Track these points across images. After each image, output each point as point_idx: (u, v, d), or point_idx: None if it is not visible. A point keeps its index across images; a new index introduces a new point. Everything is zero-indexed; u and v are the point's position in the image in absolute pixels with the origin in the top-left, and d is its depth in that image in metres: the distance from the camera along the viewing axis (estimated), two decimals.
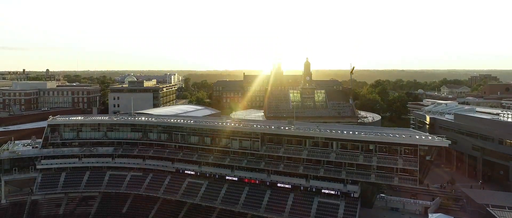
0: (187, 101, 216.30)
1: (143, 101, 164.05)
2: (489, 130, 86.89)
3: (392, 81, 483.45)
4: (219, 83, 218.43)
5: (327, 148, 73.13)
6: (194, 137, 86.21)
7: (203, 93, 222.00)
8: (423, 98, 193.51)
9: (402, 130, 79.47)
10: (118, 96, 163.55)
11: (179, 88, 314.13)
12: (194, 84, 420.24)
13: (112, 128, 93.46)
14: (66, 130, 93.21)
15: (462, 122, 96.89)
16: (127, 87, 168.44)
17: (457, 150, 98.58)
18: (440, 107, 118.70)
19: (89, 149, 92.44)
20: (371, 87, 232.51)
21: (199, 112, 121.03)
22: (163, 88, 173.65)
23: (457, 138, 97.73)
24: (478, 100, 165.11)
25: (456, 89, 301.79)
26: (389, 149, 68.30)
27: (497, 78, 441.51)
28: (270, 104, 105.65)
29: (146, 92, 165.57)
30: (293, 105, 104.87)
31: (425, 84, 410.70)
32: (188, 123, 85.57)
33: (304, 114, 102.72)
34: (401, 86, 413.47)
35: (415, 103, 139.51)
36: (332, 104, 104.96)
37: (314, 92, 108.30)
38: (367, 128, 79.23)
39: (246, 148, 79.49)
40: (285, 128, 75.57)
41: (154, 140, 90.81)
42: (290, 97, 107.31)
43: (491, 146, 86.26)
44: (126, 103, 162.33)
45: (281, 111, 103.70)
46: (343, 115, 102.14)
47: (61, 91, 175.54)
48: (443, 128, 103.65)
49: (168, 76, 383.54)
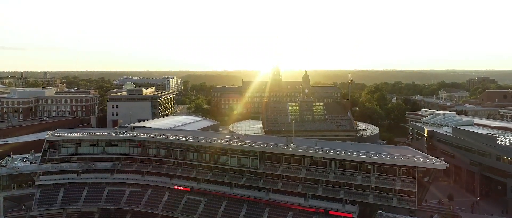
0: (185, 108, 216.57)
1: (141, 109, 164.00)
2: (487, 147, 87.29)
3: (391, 84, 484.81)
4: (217, 89, 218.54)
5: (326, 167, 73.27)
6: (193, 153, 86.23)
7: (202, 100, 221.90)
8: (421, 106, 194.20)
9: (400, 148, 79.73)
10: (116, 104, 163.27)
11: (178, 92, 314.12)
12: (193, 87, 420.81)
13: (111, 143, 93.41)
14: (65, 145, 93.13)
15: (460, 136, 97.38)
16: (126, 95, 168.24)
17: (455, 164, 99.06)
18: (438, 119, 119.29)
19: (88, 164, 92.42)
20: (369, 93, 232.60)
21: (198, 124, 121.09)
22: (162, 96, 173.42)
23: (455, 152, 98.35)
24: (476, 109, 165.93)
25: (454, 93, 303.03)
26: (388, 169, 68.48)
27: (495, 81, 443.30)
28: (268, 117, 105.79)
29: (144, 100, 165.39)
30: (292, 118, 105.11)
31: (424, 87, 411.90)
32: (187, 139, 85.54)
33: (303, 127, 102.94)
34: (400, 89, 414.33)
35: (413, 113, 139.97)
36: (331, 117, 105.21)
37: (312, 105, 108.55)
38: (365, 146, 79.38)
39: (245, 165, 79.60)
40: (283, 147, 75.63)
41: (153, 155, 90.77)
42: (288, 110, 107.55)
43: (489, 162, 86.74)
44: (124, 111, 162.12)
45: (279, 124, 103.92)
46: (341, 129, 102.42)
47: (59, 100, 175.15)
48: (441, 141, 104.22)
49: (166, 79, 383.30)
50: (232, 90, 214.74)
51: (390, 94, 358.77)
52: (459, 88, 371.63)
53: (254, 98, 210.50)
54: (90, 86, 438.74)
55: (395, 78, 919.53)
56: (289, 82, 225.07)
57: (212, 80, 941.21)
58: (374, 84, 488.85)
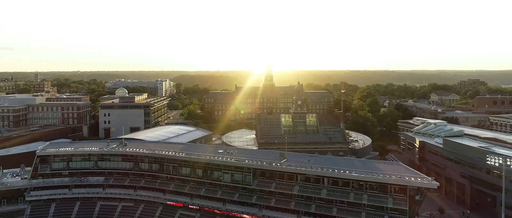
0: (178, 113, 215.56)
1: (134, 117, 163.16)
2: (477, 160, 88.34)
3: (383, 86, 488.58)
4: (210, 95, 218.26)
5: (319, 184, 73.62)
6: (185, 168, 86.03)
7: (194, 105, 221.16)
8: (413, 112, 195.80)
9: (392, 164, 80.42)
10: (109, 113, 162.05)
11: (171, 96, 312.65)
12: (186, 90, 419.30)
13: (103, 157, 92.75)
14: (56, 160, 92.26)
15: (451, 148, 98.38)
16: (118, 103, 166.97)
17: (446, 176, 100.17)
18: (429, 128, 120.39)
19: (80, 179, 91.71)
20: (362, 98, 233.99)
21: (191, 134, 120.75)
22: (154, 104, 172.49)
23: (446, 163, 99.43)
24: (467, 115, 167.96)
25: (445, 97, 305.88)
26: (380, 187, 69.01)
27: (485, 83, 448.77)
28: (261, 129, 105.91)
29: (137, 108, 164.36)
30: (285, 130, 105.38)
31: (415, 89, 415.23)
32: (180, 155, 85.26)
33: (296, 139, 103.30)
34: (392, 91, 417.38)
35: (404, 122, 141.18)
36: (323, 129, 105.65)
37: (305, 116, 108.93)
38: (358, 162, 79.95)
39: (238, 181, 79.63)
40: (276, 164, 75.79)
41: (146, 170, 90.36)
42: (281, 122, 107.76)
43: (479, 175, 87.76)
44: (117, 119, 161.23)
45: (272, 136, 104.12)
46: (334, 140, 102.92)
47: (50, 107, 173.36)
48: (432, 153, 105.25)
49: (159, 83, 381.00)
50: (225, 96, 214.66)
51: (382, 97, 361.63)
52: (450, 91, 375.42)
53: (247, 104, 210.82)
54: (81, 89, 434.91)
55: (387, 79, 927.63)
56: (281, 88, 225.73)
57: (205, 81, 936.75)
58: (367, 86, 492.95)
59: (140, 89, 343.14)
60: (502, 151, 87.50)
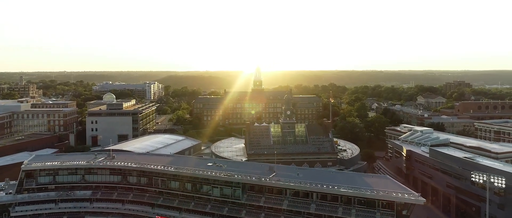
0: (167, 119, 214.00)
1: (122, 125, 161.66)
2: (462, 171, 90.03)
3: (371, 87, 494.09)
4: (199, 100, 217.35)
5: (307, 199, 74.06)
6: (174, 182, 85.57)
7: (183, 111, 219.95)
8: (400, 117, 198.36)
9: (380, 178, 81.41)
10: (96, 120, 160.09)
11: (159, 98, 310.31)
12: (174, 92, 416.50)
13: (90, 171, 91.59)
14: (42, 174, 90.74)
15: (437, 158, 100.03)
16: (106, 110, 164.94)
17: (432, 185, 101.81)
18: (416, 136, 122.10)
19: (66, 193, 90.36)
20: (350, 103, 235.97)
21: (179, 144, 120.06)
22: (143, 110, 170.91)
23: (432, 173, 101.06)
24: (452, 121, 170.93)
25: (431, 100, 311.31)
26: (368, 202, 69.76)
27: (470, 85, 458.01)
28: (251, 140, 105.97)
29: (125, 116, 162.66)
30: (274, 140, 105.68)
31: (403, 91, 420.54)
32: (169, 169, 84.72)
33: (285, 150, 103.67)
34: (379, 93, 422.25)
35: (392, 129, 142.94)
36: (312, 139, 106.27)
37: (294, 126, 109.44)
38: (346, 175, 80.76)
39: (227, 195, 79.58)
40: (266, 179, 75.97)
41: (134, 183, 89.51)
42: (270, 132, 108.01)
43: (464, 185, 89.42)
44: (104, 127, 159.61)
45: (262, 146, 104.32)
46: (323, 151, 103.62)
47: (36, 114, 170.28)
48: (419, 162, 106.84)
49: (147, 85, 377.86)
50: (214, 101, 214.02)
51: (370, 99, 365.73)
52: (436, 93, 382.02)
53: (236, 108, 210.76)
54: (68, 91, 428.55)
55: (375, 79, 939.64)
56: (270, 92, 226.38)
57: (194, 82, 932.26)
58: (355, 88, 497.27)
59: (128, 93, 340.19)
60: (486, 162, 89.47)
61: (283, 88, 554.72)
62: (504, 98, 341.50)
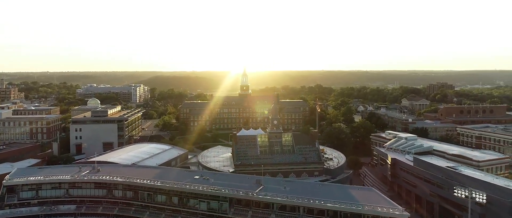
0: (153, 124, 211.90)
1: (107, 132, 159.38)
2: (445, 180, 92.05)
3: (356, 89, 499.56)
4: (186, 105, 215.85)
5: (294, 212, 74.56)
6: (161, 196, 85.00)
7: (170, 116, 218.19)
8: (385, 121, 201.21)
9: (365, 190, 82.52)
10: (80, 128, 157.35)
11: (145, 101, 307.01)
12: (160, 95, 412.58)
13: (75, 184, 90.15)
14: (25, 189, 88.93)
15: (420, 167, 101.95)
16: (90, 118, 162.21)
17: (416, 193, 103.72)
18: (400, 144, 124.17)
19: (50, 208, 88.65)
20: (336, 107, 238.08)
21: (166, 154, 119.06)
22: (128, 117, 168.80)
23: (416, 182, 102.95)
24: (436, 125, 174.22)
25: (415, 102, 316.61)
26: (353, 215, 70.65)
27: (452, 86, 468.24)
28: (238, 150, 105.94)
29: (110, 123, 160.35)
30: (261, 151, 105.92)
31: (388, 92, 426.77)
32: (155, 183, 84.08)
33: (272, 160, 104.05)
34: (365, 94, 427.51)
35: (377, 136, 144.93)
36: (299, 148, 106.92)
37: (281, 136, 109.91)
38: (333, 188, 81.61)
39: (214, 209, 79.44)
40: (253, 194, 76.17)
41: (119, 197, 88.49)
42: (257, 142, 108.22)
43: (446, 194, 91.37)
44: (89, 135, 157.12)
45: (249, 157, 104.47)
46: (309, 161, 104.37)
47: (17, 121, 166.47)
48: (404, 170, 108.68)
49: (133, 88, 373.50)
50: (201, 106, 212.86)
51: (356, 101, 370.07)
52: (420, 95, 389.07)
53: (223, 113, 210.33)
54: (51, 94, 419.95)
55: (360, 79, 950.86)
56: (257, 97, 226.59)
57: (180, 83, 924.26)
58: (341, 89, 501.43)
59: (113, 96, 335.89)
60: (468, 172, 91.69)
61: (270, 90, 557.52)
62: (485, 100, 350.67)
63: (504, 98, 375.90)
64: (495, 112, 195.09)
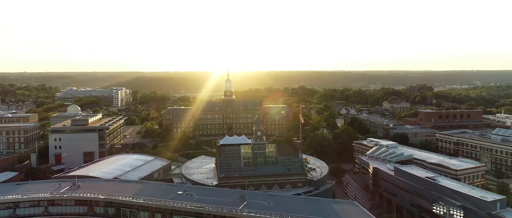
0: (135, 131, 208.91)
1: (88, 141, 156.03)
2: (424, 191, 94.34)
3: (339, 90, 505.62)
4: (169, 112, 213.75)
5: None
6: (144, 213, 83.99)
7: (152, 122, 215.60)
8: (367, 126, 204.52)
9: (347, 205, 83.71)
10: (59, 137, 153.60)
11: (127, 107, 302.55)
12: (143, 98, 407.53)
13: (54, 202, 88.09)
14: (1, 208, 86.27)
15: (401, 177, 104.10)
16: (70, 127, 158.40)
17: (397, 203, 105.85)
18: (381, 152, 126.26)
19: None
20: (319, 112, 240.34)
21: (148, 166, 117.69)
22: (109, 125, 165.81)
23: (397, 191, 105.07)
24: (416, 131, 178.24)
25: (396, 105, 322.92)
26: None
27: (431, 88, 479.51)
28: (221, 162, 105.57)
29: (91, 132, 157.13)
30: (245, 162, 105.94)
31: (369, 94, 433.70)
32: (138, 200, 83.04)
33: (256, 172, 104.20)
34: (348, 96, 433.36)
35: (359, 143, 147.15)
36: (282, 159, 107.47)
37: (265, 147, 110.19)
38: (316, 203, 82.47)
39: None
40: (236, 211, 76.19)
41: (101, 214, 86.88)
42: (241, 153, 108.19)
43: (426, 205, 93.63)
44: (69, 144, 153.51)
45: (232, 169, 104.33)
46: (293, 172, 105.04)
47: None
48: (385, 180, 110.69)
49: (114, 92, 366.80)
50: (184, 112, 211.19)
51: (339, 103, 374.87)
52: (401, 97, 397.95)
53: (206, 119, 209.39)
54: (28, 97, 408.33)
55: (343, 80, 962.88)
56: (241, 102, 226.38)
57: (163, 84, 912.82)
58: (324, 91, 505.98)
59: (94, 101, 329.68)
60: (447, 183, 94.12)
61: (254, 91, 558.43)
62: (463, 101, 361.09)
63: (481, 100, 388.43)
64: (472, 116, 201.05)
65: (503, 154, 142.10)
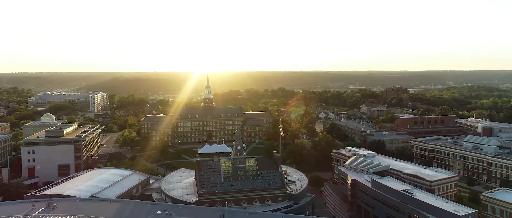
0: (113, 140, 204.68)
1: (63, 154, 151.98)
2: (400, 204, 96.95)
3: (318, 92, 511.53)
4: (148, 120, 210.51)
5: None
6: None
7: (130, 131, 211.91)
8: (345, 132, 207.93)
9: None
10: (33, 150, 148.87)
11: (104, 113, 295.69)
12: (120, 102, 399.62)
13: None
14: None
15: (378, 189, 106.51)
16: (44, 139, 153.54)
17: (375, 215, 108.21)
18: (359, 162, 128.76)
19: None
20: (298, 118, 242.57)
21: (127, 181, 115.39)
22: (86, 136, 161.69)
23: (375, 204, 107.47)
24: (392, 138, 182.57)
25: (373, 108, 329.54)
26: None
27: (407, 90, 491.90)
28: (201, 178, 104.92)
29: (66, 144, 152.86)
30: (225, 177, 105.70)
31: (348, 97, 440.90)
32: None
33: (236, 187, 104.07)
34: (326, 99, 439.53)
35: (337, 153, 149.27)
36: (263, 173, 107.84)
37: (245, 161, 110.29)
38: None
39: None
40: None
41: None
42: (221, 168, 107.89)
43: (402, 217, 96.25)
44: (43, 157, 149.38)
45: (212, 184, 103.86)
46: (273, 186, 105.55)
47: None
48: (363, 191, 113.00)
49: (90, 96, 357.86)
50: (163, 120, 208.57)
51: (318, 106, 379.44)
52: (378, 100, 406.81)
53: (186, 127, 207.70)
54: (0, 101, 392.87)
55: (322, 80, 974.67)
56: (221, 109, 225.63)
57: (141, 85, 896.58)
58: (303, 92, 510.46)
59: (69, 106, 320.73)
60: (421, 196, 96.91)
61: (234, 92, 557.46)
62: (437, 103, 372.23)
63: (454, 102, 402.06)
64: (446, 122, 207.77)
65: (475, 161, 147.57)
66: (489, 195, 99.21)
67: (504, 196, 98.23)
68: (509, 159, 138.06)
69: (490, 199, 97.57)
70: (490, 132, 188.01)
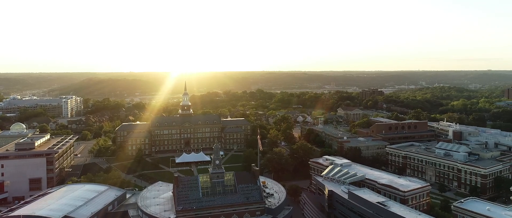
0: (87, 150, 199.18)
1: (34, 167, 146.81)
2: (375, 216, 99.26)
3: (297, 94, 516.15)
4: (123, 128, 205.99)
5: None
6: None
7: (105, 139, 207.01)
8: (323, 138, 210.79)
9: None
10: (2, 164, 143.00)
11: (78, 119, 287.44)
12: (95, 106, 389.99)
13: None
14: None
15: (354, 201, 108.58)
16: (14, 152, 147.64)
17: None
18: (336, 173, 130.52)
19: None
20: (276, 123, 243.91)
21: (102, 198, 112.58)
22: (58, 149, 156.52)
23: (351, 215, 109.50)
24: (368, 144, 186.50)
25: (350, 111, 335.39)
26: None
27: (382, 92, 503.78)
28: (179, 194, 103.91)
29: (38, 157, 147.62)
30: (203, 193, 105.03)
31: (325, 99, 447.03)
32: None
33: (214, 202, 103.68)
34: (304, 101, 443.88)
35: (315, 162, 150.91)
36: (241, 188, 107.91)
37: (223, 176, 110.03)
38: None
39: None
40: None
41: None
42: (199, 183, 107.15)
43: None
44: (13, 171, 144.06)
45: (190, 200, 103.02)
46: (251, 200, 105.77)
47: None
48: (339, 203, 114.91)
49: (64, 101, 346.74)
50: (139, 128, 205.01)
51: (296, 109, 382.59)
52: (354, 102, 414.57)
53: (163, 135, 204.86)
54: None
55: (300, 81, 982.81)
56: (199, 117, 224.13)
57: (116, 86, 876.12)
58: (282, 95, 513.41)
59: (41, 112, 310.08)
60: (395, 209, 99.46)
61: (212, 94, 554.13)
62: (411, 105, 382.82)
63: (426, 103, 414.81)
64: (419, 127, 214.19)
65: (446, 168, 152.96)
66: (460, 205, 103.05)
67: (473, 205, 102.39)
68: (477, 166, 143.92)
69: (460, 209, 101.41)
70: (460, 136, 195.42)
